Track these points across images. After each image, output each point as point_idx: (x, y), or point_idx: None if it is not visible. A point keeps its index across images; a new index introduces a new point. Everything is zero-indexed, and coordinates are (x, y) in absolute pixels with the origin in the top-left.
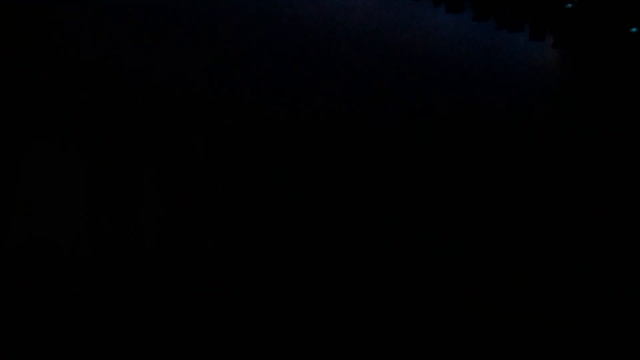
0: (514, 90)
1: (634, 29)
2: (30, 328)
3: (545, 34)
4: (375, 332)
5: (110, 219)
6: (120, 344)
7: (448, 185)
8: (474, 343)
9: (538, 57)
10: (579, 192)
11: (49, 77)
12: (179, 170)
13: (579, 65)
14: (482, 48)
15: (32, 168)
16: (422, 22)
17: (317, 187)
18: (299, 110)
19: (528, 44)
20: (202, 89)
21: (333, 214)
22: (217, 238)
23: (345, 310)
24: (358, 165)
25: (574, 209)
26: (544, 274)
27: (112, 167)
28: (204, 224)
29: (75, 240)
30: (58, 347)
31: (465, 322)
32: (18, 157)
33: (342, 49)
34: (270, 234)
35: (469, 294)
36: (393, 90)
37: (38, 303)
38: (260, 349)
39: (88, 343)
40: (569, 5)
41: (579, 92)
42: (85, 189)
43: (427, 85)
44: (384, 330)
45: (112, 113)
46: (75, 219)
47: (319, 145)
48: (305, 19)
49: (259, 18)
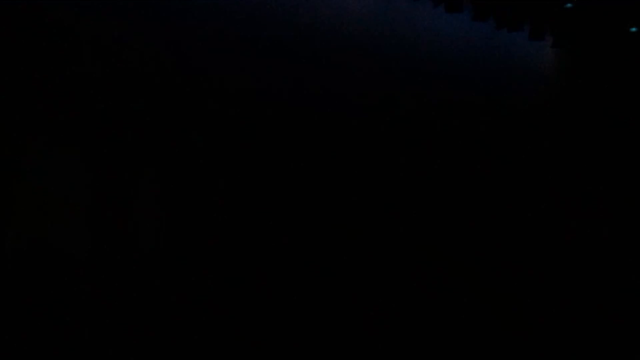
0: (514, 90)
1: (634, 29)
2: (30, 329)
3: (545, 34)
4: (375, 332)
5: (111, 219)
6: (121, 345)
7: (448, 185)
8: (474, 343)
9: (537, 57)
10: (579, 191)
11: (49, 77)
12: (179, 171)
13: (579, 65)
14: (481, 48)
15: (32, 168)
16: (421, 21)
17: (317, 186)
18: (299, 110)
19: (527, 44)
20: (201, 89)
21: (332, 214)
22: (217, 238)
23: (345, 311)
24: (357, 165)
25: (574, 209)
26: (542, 274)
27: (112, 167)
28: (204, 225)
29: (75, 241)
30: (58, 347)
31: (465, 322)
32: (18, 157)
33: (341, 49)
34: (271, 235)
35: (467, 293)
36: (392, 90)
37: (38, 303)
38: (260, 350)
39: (88, 343)
40: (569, 5)
41: (579, 92)
42: (85, 190)
43: (426, 85)
44: (384, 330)
45: (112, 113)
46: (75, 220)
47: (318, 145)
48: (305, 19)
49: (259, 18)
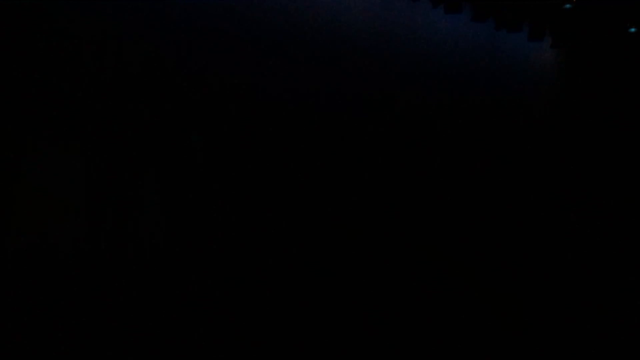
0: (513, 91)
1: (633, 29)
2: (30, 330)
3: (544, 35)
4: (375, 332)
5: (111, 221)
6: (120, 345)
7: (447, 185)
8: (474, 343)
9: (537, 57)
10: (577, 190)
11: (49, 77)
12: (179, 171)
13: (578, 66)
14: (480, 49)
15: (31, 169)
16: (420, 22)
17: (317, 186)
18: (298, 110)
19: (527, 45)
20: (201, 89)
21: (333, 214)
22: (217, 238)
23: (344, 311)
24: (356, 165)
25: (572, 208)
26: (541, 273)
27: (112, 167)
28: (205, 225)
29: (75, 241)
30: (57, 348)
31: (465, 322)
32: (18, 157)
33: (340, 50)
34: (271, 235)
35: (467, 293)
36: (391, 90)
37: (37, 305)
38: (260, 351)
39: (88, 344)
40: (568, 6)
41: (578, 92)
42: (85, 191)
43: (425, 86)
44: (384, 330)
45: (112, 113)
46: (75, 220)
47: (317, 145)
48: (305, 19)
49: (257, 18)
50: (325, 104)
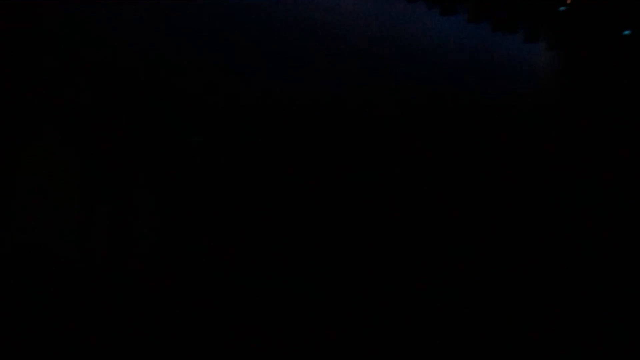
0: (508, 93)
1: (628, 32)
2: (27, 331)
3: (540, 37)
4: (375, 332)
5: (106, 222)
6: (114, 347)
7: (442, 187)
8: (474, 343)
9: (532, 59)
10: (574, 193)
11: (43, 77)
12: (176, 172)
13: (573, 68)
14: (476, 51)
15: (26, 170)
16: (415, 24)
17: (313, 187)
18: (293, 111)
19: (522, 47)
20: (196, 90)
21: (330, 215)
22: (213, 240)
23: (343, 311)
24: (352, 167)
25: (567, 210)
26: (540, 274)
27: (108, 169)
28: (201, 227)
29: (69, 243)
30: (51, 351)
31: (465, 322)
32: (11, 158)
33: (335, 50)
34: (270, 237)
35: (466, 293)
36: (386, 92)
37: (30, 306)
38: (259, 352)
39: (81, 347)
40: (563, 8)
41: (573, 94)
42: (80, 192)
43: (420, 87)
44: (383, 330)
45: (107, 114)
46: (69, 222)
47: (313, 146)
48: (299, 20)
49: (252, 19)
50: (320, 105)
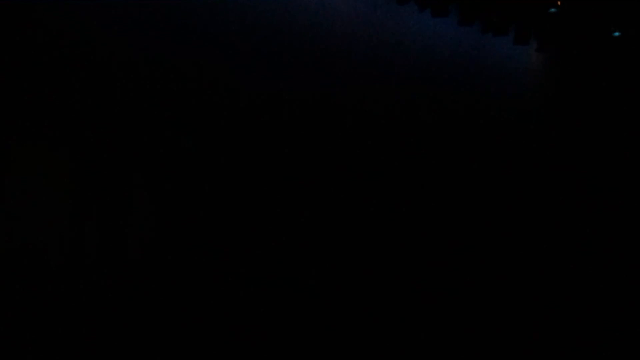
0: (499, 94)
1: (617, 33)
2: (24, 332)
3: (530, 38)
4: (374, 332)
5: (100, 222)
6: (109, 347)
7: (436, 186)
8: (474, 343)
9: (522, 61)
10: (563, 191)
11: (38, 76)
12: (172, 171)
13: (563, 69)
14: (467, 52)
15: (21, 169)
16: (407, 25)
17: (309, 186)
18: (288, 110)
19: (512, 48)
20: (194, 89)
21: (327, 214)
22: (210, 239)
23: (343, 311)
24: (347, 166)
25: (560, 209)
26: (537, 273)
27: (102, 169)
28: (197, 227)
29: (62, 244)
30: (50, 351)
31: (465, 321)
32: (5, 158)
33: (328, 52)
34: (266, 235)
35: (466, 292)
36: (378, 93)
37: (24, 306)
38: (257, 352)
39: (74, 348)
40: (553, 10)
41: (563, 95)
42: (74, 192)
43: (411, 88)
44: (383, 330)
45: (101, 114)
46: (62, 222)
47: (308, 146)
48: (293, 22)
49: (248, 20)
50: (315, 105)
